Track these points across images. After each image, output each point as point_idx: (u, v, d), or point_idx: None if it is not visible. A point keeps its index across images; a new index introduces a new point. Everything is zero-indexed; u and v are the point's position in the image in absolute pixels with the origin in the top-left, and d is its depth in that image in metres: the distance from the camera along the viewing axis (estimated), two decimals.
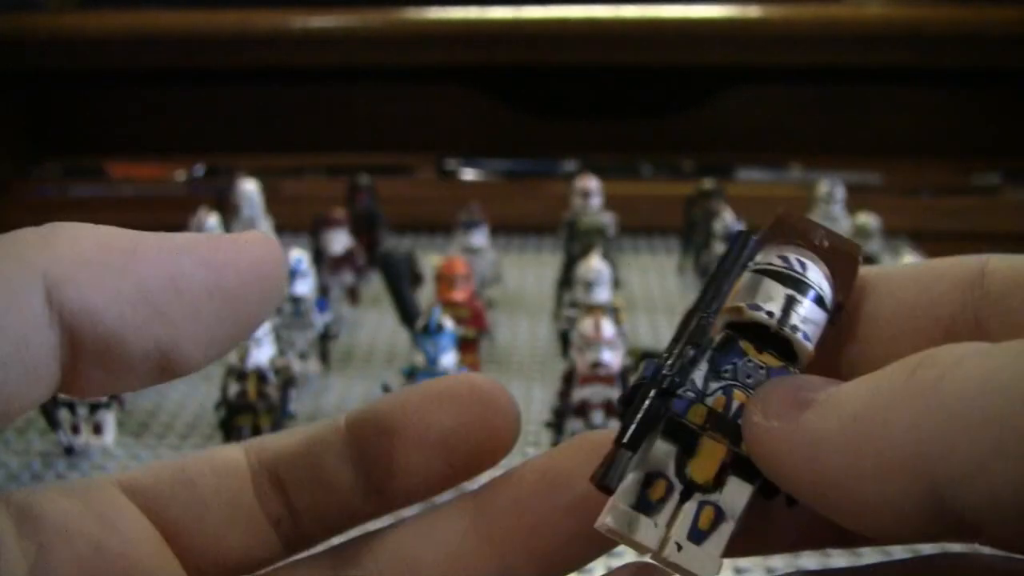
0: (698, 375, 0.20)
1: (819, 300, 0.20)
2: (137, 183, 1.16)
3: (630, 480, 0.19)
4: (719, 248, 0.82)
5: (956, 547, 0.19)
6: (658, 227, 1.03)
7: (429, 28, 1.10)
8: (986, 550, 0.19)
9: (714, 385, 0.20)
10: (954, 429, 0.15)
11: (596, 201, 0.85)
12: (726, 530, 0.19)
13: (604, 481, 0.19)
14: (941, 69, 1.12)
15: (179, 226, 0.95)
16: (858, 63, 1.11)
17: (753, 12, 1.07)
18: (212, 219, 0.84)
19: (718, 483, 0.19)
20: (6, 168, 1.16)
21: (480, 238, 0.82)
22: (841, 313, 0.21)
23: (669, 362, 0.20)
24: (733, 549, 0.19)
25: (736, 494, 0.19)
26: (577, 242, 0.82)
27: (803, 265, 0.20)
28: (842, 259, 0.21)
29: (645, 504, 0.19)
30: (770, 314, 0.20)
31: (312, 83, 1.19)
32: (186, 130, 1.21)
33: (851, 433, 0.16)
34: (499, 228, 0.93)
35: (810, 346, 0.20)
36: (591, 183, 0.85)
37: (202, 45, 1.11)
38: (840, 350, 0.21)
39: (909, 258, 0.80)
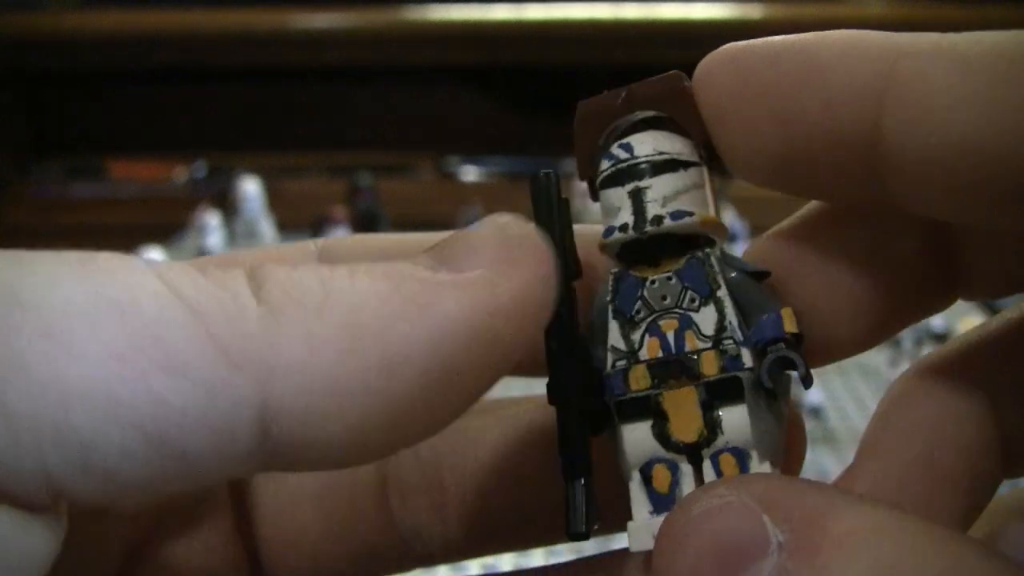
0: (614, 337, 0.17)
1: (669, 164, 0.17)
2: (137, 183, 1.16)
3: (633, 488, 0.17)
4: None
5: None
6: None
7: (429, 28, 1.10)
8: None
9: (636, 334, 0.17)
10: None
11: None
12: (757, 461, 0.16)
13: (572, 530, 0.17)
14: None
15: (179, 225, 0.95)
16: None
17: (753, 12, 1.07)
18: (213, 218, 0.84)
19: (712, 426, 0.16)
20: (6, 168, 1.16)
21: None
22: (713, 151, 0.18)
23: (566, 360, 0.17)
24: None
25: (736, 422, 0.16)
26: None
27: (626, 147, 0.17)
28: (669, 97, 0.18)
29: (659, 502, 0.17)
30: (623, 227, 0.17)
31: (312, 83, 1.19)
32: (186, 130, 1.21)
33: None
34: None
35: (691, 218, 0.17)
36: None
37: (203, 45, 1.11)
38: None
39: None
